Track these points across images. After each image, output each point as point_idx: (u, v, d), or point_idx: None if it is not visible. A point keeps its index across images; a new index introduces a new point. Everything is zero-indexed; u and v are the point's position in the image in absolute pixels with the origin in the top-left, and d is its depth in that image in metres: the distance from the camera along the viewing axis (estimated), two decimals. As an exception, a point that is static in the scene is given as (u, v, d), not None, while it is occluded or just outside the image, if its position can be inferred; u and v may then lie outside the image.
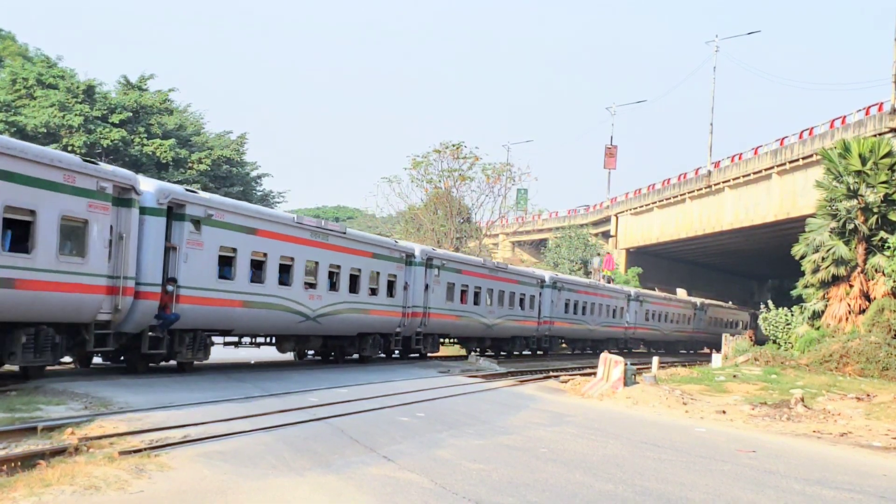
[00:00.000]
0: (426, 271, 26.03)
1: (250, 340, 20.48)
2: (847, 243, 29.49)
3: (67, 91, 37.37)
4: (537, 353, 36.78)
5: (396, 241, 26.63)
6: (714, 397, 20.12)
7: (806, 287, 31.75)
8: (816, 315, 31.02)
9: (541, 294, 34.81)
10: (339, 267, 21.60)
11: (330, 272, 21.28)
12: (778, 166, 44.36)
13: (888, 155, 29.17)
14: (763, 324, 35.92)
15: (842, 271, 29.69)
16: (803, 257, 31.10)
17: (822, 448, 13.59)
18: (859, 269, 29.47)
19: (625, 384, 19.26)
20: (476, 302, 29.49)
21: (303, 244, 20.03)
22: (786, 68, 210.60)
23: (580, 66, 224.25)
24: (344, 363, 23.09)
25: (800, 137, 43.34)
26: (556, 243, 64.21)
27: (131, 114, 39.13)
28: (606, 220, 67.25)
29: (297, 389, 15.40)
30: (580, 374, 24.87)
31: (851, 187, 29.51)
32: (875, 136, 32.82)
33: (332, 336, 22.33)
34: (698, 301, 57.43)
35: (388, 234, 38.86)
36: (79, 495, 7.11)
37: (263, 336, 20.49)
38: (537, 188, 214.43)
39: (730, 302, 66.46)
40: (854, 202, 29.59)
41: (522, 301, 33.17)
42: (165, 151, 39.05)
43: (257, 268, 18.57)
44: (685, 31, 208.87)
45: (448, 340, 30.64)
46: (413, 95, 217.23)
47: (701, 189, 53.22)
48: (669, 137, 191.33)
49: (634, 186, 68.68)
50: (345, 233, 22.23)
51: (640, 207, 61.66)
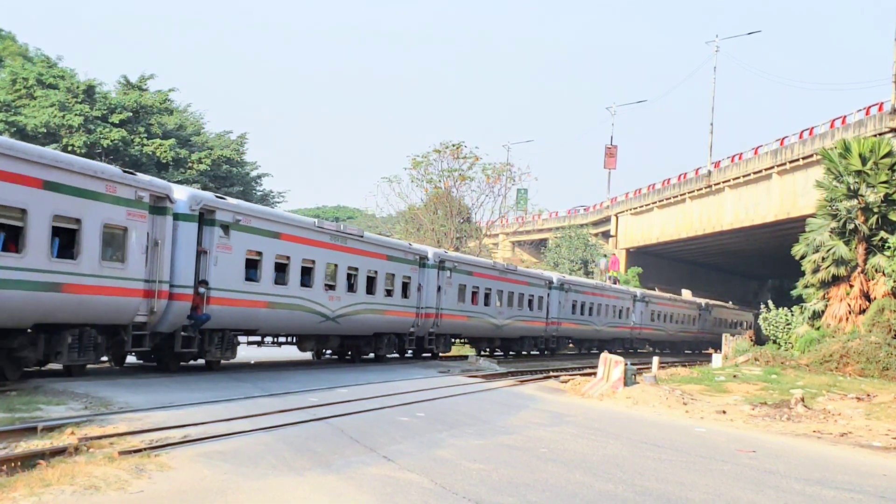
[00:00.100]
0: (439, 273, 26.58)
1: (272, 340, 20.95)
2: (847, 243, 29.48)
3: (67, 91, 37.35)
4: (545, 353, 37.11)
5: (410, 244, 27.09)
6: (714, 397, 20.13)
7: (806, 287, 31.76)
8: (816, 315, 31.03)
9: (549, 295, 35.34)
10: (357, 269, 22.21)
11: (348, 274, 21.90)
12: (778, 166, 44.33)
13: (888, 155, 29.17)
14: (763, 324, 35.94)
15: (842, 271, 29.68)
16: (803, 257, 31.11)
17: (823, 448, 13.59)
18: (859, 269, 29.47)
19: (625, 384, 19.28)
20: (486, 303, 29.99)
21: (323, 247, 20.66)
22: (786, 68, 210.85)
23: (580, 67, 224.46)
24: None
25: (800, 137, 43.32)
26: (556, 243, 64.22)
27: (131, 114, 39.08)
28: (606, 220, 67.23)
29: (298, 389, 15.42)
30: (580, 375, 24.87)
31: (852, 187, 29.50)
32: (875, 136, 32.81)
33: (350, 336, 22.85)
34: (703, 302, 57.49)
35: (388, 235, 38.88)
36: (79, 495, 7.11)
37: (286, 336, 21.05)
38: (537, 188, 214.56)
39: (730, 302, 66.45)
40: (854, 202, 29.58)
41: (531, 302, 33.67)
42: (165, 151, 39.05)
43: (281, 270, 19.12)
44: (685, 32, 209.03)
45: (458, 340, 31.02)
46: (413, 96, 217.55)
47: (701, 189, 53.19)
48: (669, 137, 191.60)
49: (634, 186, 68.75)
50: (362, 236, 22.85)
51: (640, 207, 61.63)
